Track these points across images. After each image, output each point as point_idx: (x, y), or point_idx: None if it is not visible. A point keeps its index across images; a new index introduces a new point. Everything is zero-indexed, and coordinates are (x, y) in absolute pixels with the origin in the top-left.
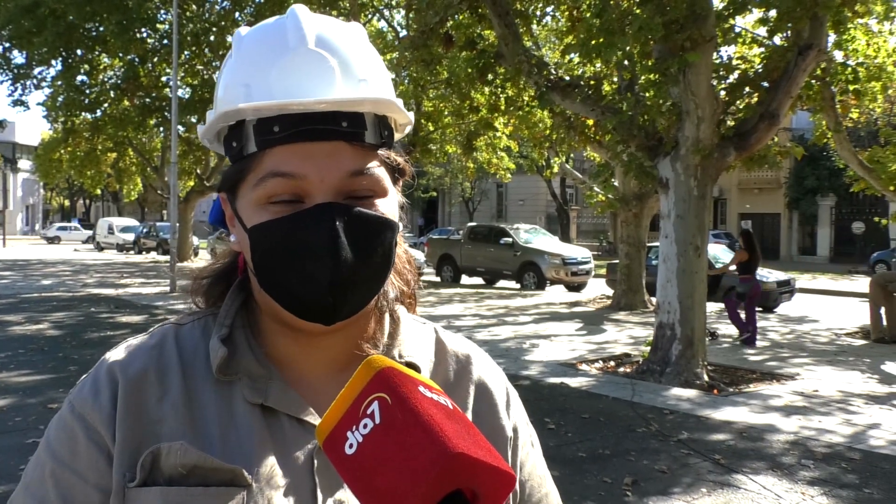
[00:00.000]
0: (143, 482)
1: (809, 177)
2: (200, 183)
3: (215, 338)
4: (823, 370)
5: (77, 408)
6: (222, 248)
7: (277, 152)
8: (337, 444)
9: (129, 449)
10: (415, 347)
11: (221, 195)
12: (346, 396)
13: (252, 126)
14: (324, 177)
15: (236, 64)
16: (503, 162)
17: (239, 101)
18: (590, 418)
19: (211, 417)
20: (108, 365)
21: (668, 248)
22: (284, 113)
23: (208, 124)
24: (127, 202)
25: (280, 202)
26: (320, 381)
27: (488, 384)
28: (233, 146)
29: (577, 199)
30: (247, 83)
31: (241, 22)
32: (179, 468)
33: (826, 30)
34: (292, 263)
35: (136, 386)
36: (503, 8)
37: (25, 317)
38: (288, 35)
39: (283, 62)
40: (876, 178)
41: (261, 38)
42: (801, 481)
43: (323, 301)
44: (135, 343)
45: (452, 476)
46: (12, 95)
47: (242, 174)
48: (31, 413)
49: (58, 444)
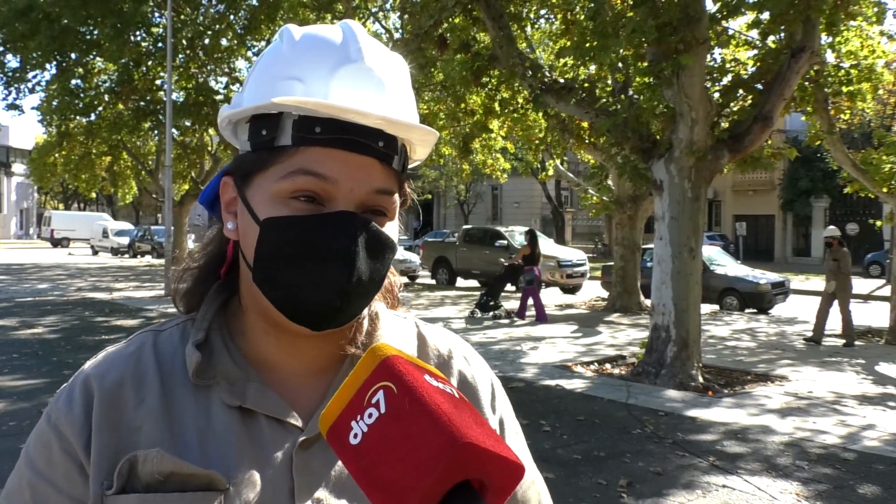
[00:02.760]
0: (121, 489)
1: (803, 178)
2: (195, 186)
3: (190, 343)
4: (817, 371)
5: (53, 419)
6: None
7: (313, 152)
8: (341, 434)
9: (107, 458)
10: (395, 341)
11: (227, 178)
12: (350, 385)
13: (292, 121)
14: (353, 187)
15: (289, 58)
16: (499, 163)
17: (292, 93)
18: (585, 420)
19: (189, 423)
20: (83, 376)
21: (663, 250)
22: (332, 117)
23: (244, 108)
24: (121, 206)
25: (301, 201)
26: (299, 382)
27: (470, 378)
28: (262, 134)
29: (572, 202)
30: (300, 79)
31: (236, 25)
32: (156, 475)
33: (819, 32)
34: (306, 263)
35: (111, 395)
36: (497, 11)
37: (20, 321)
38: (349, 46)
39: (343, 70)
40: (869, 179)
41: (319, 42)
42: (796, 482)
43: (330, 304)
44: (113, 351)
45: (461, 466)
46: (6, 99)
47: (265, 164)
48: (25, 418)
49: (35, 455)
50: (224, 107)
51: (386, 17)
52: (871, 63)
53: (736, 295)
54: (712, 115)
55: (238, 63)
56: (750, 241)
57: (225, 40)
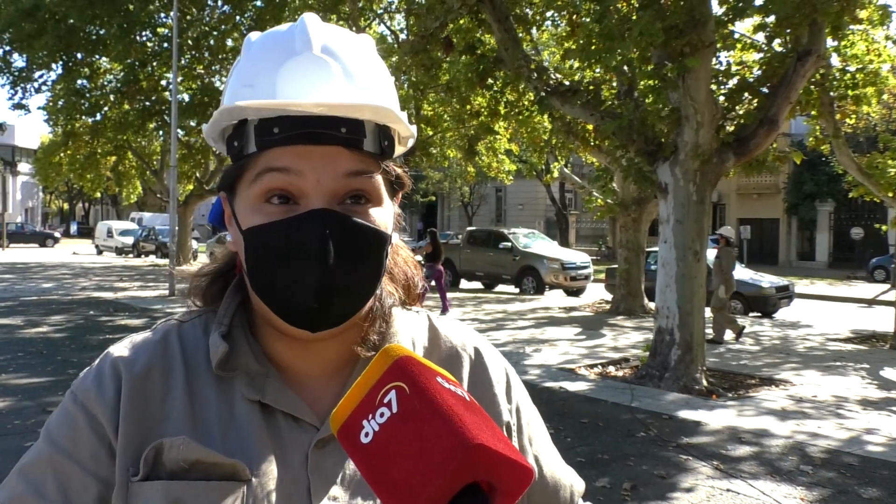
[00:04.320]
0: (145, 476)
1: (808, 182)
2: (200, 186)
3: (216, 334)
4: (821, 375)
5: (80, 398)
6: (221, 251)
7: (275, 152)
8: (352, 433)
9: (133, 444)
10: (407, 335)
11: (222, 195)
12: (363, 385)
13: (253, 126)
14: (320, 177)
15: (244, 65)
16: (504, 165)
17: (242, 100)
18: (589, 423)
19: (212, 413)
20: (112, 359)
21: (668, 253)
22: (285, 115)
23: (211, 121)
24: (126, 205)
25: (275, 202)
26: (316, 382)
27: (485, 367)
28: (234, 145)
29: (577, 204)
30: (251, 84)
31: (242, 26)
32: (181, 463)
33: (825, 35)
34: (282, 267)
35: (140, 382)
36: (503, 13)
37: (24, 320)
38: (295, 40)
39: (286, 65)
40: (875, 183)
41: (269, 42)
42: (800, 486)
43: (309, 306)
44: (138, 339)
45: (471, 468)
46: (12, 99)
47: (240, 172)
48: (29, 416)
49: (58, 433)
50: (204, 125)
51: (391, 19)
52: (876, 67)
53: (740, 298)
54: (718, 118)
55: None
56: (754, 245)
57: (231, 41)
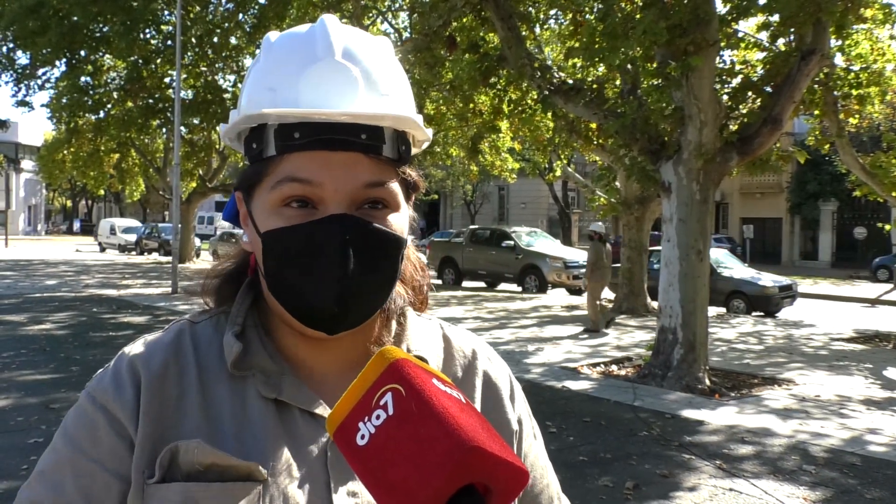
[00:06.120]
0: (161, 479)
1: (811, 181)
2: (202, 184)
3: (229, 333)
4: (824, 375)
5: (99, 399)
6: (224, 250)
7: (296, 158)
8: (348, 435)
9: (150, 444)
10: (423, 342)
11: (237, 194)
12: (358, 387)
13: (273, 130)
14: (339, 186)
15: (264, 67)
16: (507, 163)
17: (263, 104)
18: (591, 422)
19: (226, 413)
20: (129, 359)
21: (670, 252)
22: (306, 121)
23: (231, 124)
24: (129, 203)
25: (294, 206)
26: (331, 379)
27: (494, 378)
28: (253, 148)
29: (579, 203)
30: (272, 88)
31: (245, 24)
32: (196, 465)
33: (828, 35)
34: (301, 272)
35: (157, 382)
36: (506, 11)
37: (28, 317)
38: (317, 44)
39: (309, 71)
40: (878, 183)
41: (290, 44)
42: (803, 486)
43: (329, 311)
44: (152, 339)
45: (467, 470)
46: (16, 96)
47: (259, 176)
48: (32, 413)
49: (76, 433)
50: (221, 125)
51: (395, 17)
52: (880, 67)
53: (743, 298)
54: (721, 118)
55: (247, 61)
56: (757, 244)
57: (234, 38)
